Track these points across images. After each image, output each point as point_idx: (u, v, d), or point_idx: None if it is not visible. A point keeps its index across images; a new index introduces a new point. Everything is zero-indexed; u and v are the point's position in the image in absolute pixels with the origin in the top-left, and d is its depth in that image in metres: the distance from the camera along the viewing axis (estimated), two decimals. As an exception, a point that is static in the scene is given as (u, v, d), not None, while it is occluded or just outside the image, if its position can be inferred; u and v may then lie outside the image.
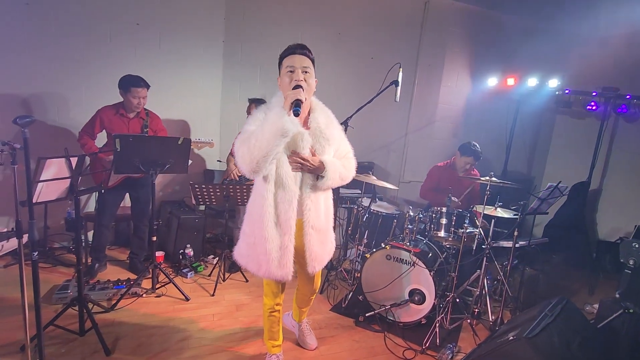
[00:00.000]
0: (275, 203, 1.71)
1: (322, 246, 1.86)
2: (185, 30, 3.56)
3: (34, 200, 1.67)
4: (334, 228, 1.99)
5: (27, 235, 1.59)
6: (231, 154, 3.44)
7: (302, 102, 1.58)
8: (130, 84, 2.72)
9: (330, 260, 2.01)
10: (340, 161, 1.82)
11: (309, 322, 2.41)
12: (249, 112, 3.38)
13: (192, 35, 3.60)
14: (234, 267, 3.24)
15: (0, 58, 3.02)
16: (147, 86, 2.80)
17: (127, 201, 3.09)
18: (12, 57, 3.05)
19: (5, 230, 1.82)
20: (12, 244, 1.75)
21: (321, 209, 1.81)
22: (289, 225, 1.71)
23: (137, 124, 2.87)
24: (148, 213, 3.01)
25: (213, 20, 3.66)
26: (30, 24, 3.06)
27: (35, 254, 1.57)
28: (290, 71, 1.68)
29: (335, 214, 2.02)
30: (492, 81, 4.39)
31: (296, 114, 1.56)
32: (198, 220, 3.33)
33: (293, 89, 1.61)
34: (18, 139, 1.57)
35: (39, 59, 3.14)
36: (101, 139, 2.92)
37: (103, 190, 2.83)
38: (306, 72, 1.69)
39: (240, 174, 3.23)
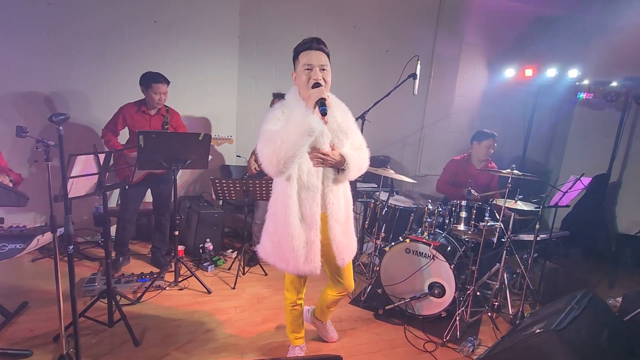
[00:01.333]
0: (299, 200, 1.71)
1: (346, 238, 1.87)
2: (201, 27, 3.59)
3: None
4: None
5: (59, 229, 1.64)
6: (254, 152, 3.46)
7: (326, 101, 1.58)
8: (151, 80, 2.76)
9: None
10: (356, 152, 1.82)
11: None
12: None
13: (208, 32, 3.62)
14: (253, 260, 3.29)
15: (23, 57, 3.09)
16: (167, 82, 2.84)
17: (147, 196, 3.15)
18: (34, 56, 3.12)
19: (39, 225, 1.88)
20: (46, 238, 1.80)
21: (342, 202, 1.83)
22: (314, 220, 1.72)
23: (158, 120, 2.91)
24: (169, 208, 3.06)
25: (228, 17, 3.68)
26: (52, 24, 3.12)
27: (71, 247, 1.61)
28: (308, 69, 1.66)
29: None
30: (509, 72, 4.30)
31: (324, 114, 1.54)
32: (217, 215, 3.37)
33: (313, 87, 1.61)
34: (44, 136, 1.61)
35: (61, 58, 3.20)
36: (123, 136, 2.97)
37: (127, 186, 2.89)
38: (324, 69, 1.68)
39: (258, 169, 3.26)
